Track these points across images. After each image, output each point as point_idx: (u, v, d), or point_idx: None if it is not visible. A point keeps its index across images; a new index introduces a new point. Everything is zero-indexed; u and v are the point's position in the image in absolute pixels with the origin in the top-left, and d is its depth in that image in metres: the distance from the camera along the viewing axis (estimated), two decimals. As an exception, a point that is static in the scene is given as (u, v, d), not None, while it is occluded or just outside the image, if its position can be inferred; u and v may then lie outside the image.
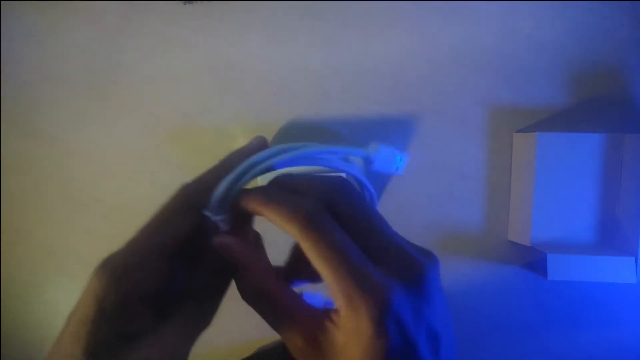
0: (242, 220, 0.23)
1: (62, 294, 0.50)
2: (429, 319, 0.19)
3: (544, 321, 0.48)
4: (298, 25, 0.47)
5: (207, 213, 0.21)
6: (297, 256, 0.24)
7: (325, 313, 0.20)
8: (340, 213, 0.20)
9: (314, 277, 0.23)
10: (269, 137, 0.48)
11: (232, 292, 0.23)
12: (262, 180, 0.38)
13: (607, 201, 0.45)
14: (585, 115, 0.46)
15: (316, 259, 0.18)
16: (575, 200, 0.45)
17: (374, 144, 0.26)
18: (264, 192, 0.21)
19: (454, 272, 0.48)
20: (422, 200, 0.48)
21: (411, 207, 0.47)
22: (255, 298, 0.22)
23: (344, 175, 0.28)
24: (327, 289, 0.19)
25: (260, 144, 0.24)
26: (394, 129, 0.47)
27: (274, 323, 0.21)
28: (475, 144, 0.47)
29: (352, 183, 0.21)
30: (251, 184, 0.22)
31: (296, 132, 0.48)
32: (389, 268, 0.19)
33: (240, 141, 0.48)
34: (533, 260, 0.48)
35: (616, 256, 0.42)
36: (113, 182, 0.49)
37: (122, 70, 0.48)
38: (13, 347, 0.51)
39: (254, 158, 0.22)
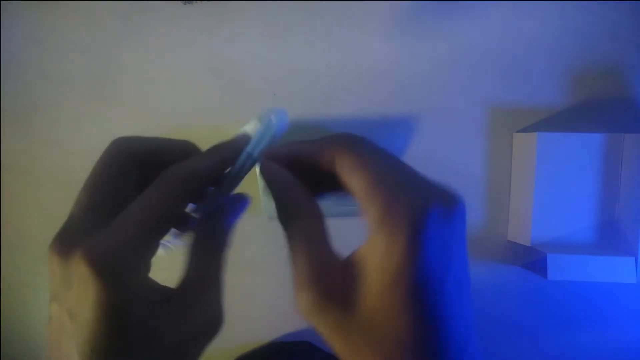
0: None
1: (62, 294, 0.50)
2: (457, 250, 0.18)
3: (544, 321, 0.48)
4: (298, 25, 0.47)
5: (250, 151, 0.24)
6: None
7: (348, 258, 0.19)
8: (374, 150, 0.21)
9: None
10: (269, 137, 0.48)
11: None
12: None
13: (607, 201, 0.45)
14: (585, 115, 0.46)
15: (356, 174, 0.18)
16: (575, 200, 0.45)
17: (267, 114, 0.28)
18: (292, 142, 0.23)
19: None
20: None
21: (411, 207, 0.47)
22: (290, 216, 0.21)
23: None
24: (362, 206, 0.18)
25: (244, 140, 0.25)
26: (394, 129, 0.47)
27: (297, 247, 0.20)
28: (475, 144, 0.47)
29: None
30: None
31: (296, 132, 0.48)
32: (427, 191, 0.18)
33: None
34: (533, 260, 0.48)
35: (616, 256, 0.42)
36: (113, 182, 0.49)
37: (122, 70, 0.48)
38: (13, 347, 0.51)
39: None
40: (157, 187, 0.20)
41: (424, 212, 0.16)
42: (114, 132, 0.49)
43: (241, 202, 0.25)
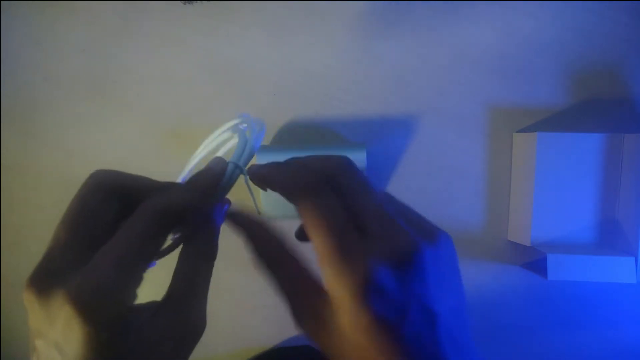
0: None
1: (62, 294, 0.50)
2: (420, 294, 0.19)
3: (544, 321, 0.48)
4: (298, 25, 0.47)
5: (235, 162, 0.25)
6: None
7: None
8: (340, 187, 0.21)
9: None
10: (269, 137, 0.48)
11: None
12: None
13: (607, 201, 0.45)
14: (585, 115, 0.46)
15: (309, 228, 0.20)
16: (575, 200, 0.45)
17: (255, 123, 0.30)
18: (272, 166, 0.23)
19: (454, 272, 0.48)
20: (422, 200, 0.48)
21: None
22: (268, 263, 0.22)
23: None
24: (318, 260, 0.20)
25: (221, 164, 0.25)
26: (394, 129, 0.47)
27: (281, 287, 0.22)
28: (475, 144, 0.47)
29: (353, 162, 0.23)
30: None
31: (296, 132, 0.48)
32: (380, 242, 0.20)
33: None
34: (533, 260, 0.48)
35: (616, 256, 0.42)
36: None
37: (122, 70, 0.48)
38: (13, 347, 0.51)
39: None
40: (134, 224, 0.20)
41: (366, 283, 0.18)
42: (114, 132, 0.49)
43: (223, 206, 0.25)
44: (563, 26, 0.46)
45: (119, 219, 0.22)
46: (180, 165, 0.49)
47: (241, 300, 0.49)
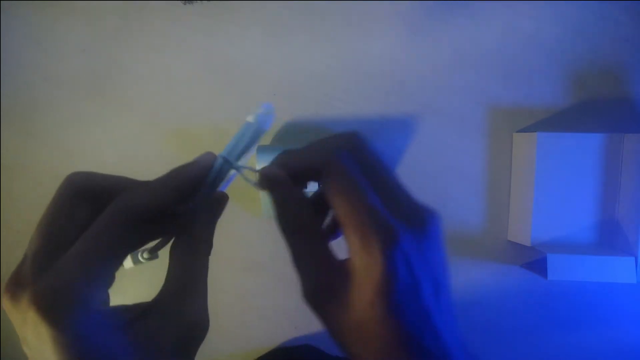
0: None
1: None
2: (432, 264, 0.20)
3: (544, 321, 0.48)
4: (298, 25, 0.47)
5: (226, 156, 0.24)
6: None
7: (343, 262, 0.21)
8: (361, 162, 0.21)
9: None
10: (269, 137, 0.48)
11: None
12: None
13: (607, 201, 0.45)
14: (585, 115, 0.46)
15: (337, 199, 0.20)
16: (575, 200, 0.45)
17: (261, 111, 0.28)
18: (292, 150, 0.23)
19: (454, 272, 0.48)
20: (422, 200, 0.48)
21: (411, 207, 0.47)
22: (291, 229, 0.22)
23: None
24: (343, 228, 0.20)
25: (209, 160, 0.24)
26: (394, 129, 0.47)
27: (299, 257, 0.21)
28: (475, 144, 0.47)
29: (364, 137, 0.22)
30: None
31: (296, 132, 0.48)
32: (401, 214, 0.20)
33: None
34: (533, 260, 0.48)
35: (616, 256, 0.42)
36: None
37: (122, 70, 0.48)
38: (13, 347, 0.51)
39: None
40: (100, 224, 0.20)
41: (394, 243, 0.19)
42: (114, 132, 0.49)
43: (220, 201, 0.24)
44: (563, 26, 0.46)
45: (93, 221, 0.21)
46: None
47: (242, 300, 0.49)
